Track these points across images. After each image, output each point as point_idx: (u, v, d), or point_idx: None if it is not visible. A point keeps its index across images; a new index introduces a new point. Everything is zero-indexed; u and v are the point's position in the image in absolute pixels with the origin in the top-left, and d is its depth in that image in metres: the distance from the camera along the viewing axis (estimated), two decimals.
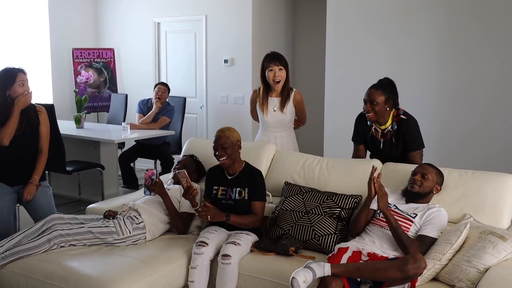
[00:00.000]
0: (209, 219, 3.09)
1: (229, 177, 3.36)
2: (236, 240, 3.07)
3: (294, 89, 4.24)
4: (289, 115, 4.21)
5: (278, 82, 4.12)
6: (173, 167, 3.78)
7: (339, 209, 3.23)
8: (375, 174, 2.92)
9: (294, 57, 7.45)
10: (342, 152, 4.41)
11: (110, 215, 3.35)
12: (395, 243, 2.81)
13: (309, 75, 7.20)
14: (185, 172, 3.22)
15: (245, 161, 3.42)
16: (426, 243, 2.81)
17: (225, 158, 3.26)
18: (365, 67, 5.62)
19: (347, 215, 3.23)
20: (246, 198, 3.28)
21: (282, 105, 4.16)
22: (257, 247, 3.13)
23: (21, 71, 3.47)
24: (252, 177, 3.33)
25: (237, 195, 3.29)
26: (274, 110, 4.18)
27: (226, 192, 3.32)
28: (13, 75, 3.42)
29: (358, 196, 3.28)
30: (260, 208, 3.31)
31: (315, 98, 6.40)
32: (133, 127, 5.95)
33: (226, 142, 3.26)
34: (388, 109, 3.42)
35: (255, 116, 4.41)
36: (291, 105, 4.19)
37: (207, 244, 3.03)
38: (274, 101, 4.19)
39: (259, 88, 4.26)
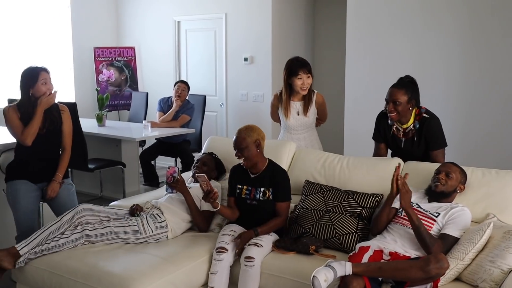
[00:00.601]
0: (245, 246, 3.06)
1: (252, 176, 3.34)
2: (259, 241, 3.06)
3: (316, 91, 4.21)
4: (312, 117, 4.20)
5: (306, 89, 4.09)
6: (193, 165, 3.80)
7: (360, 208, 3.22)
8: (401, 173, 2.89)
9: (314, 55, 7.43)
10: (362, 151, 4.39)
11: (137, 209, 3.38)
12: (417, 242, 2.79)
13: (329, 73, 7.17)
14: (205, 176, 3.16)
15: (268, 159, 3.38)
16: (448, 242, 2.78)
17: (242, 159, 3.26)
18: (387, 65, 5.58)
19: (368, 214, 3.21)
20: (270, 198, 3.26)
21: (305, 109, 4.14)
22: (277, 246, 3.13)
23: (43, 70, 3.51)
24: (276, 176, 3.30)
25: (261, 195, 3.26)
26: (298, 114, 4.16)
27: (250, 192, 3.30)
28: (35, 74, 3.46)
29: (379, 195, 3.26)
30: (286, 209, 3.29)
31: (335, 96, 6.37)
32: (153, 125, 5.99)
33: (242, 143, 3.22)
34: (410, 108, 3.38)
35: (276, 118, 4.40)
36: (314, 107, 4.18)
37: (227, 250, 3.02)
38: (296, 105, 4.17)
39: (280, 93, 4.21)
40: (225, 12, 7.02)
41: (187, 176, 3.88)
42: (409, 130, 3.47)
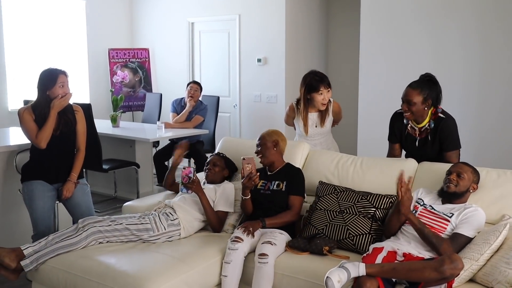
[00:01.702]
0: (250, 230, 3.14)
1: (269, 173, 3.48)
2: (272, 240, 3.08)
3: (332, 100, 4.18)
4: (328, 126, 4.22)
5: (326, 103, 4.09)
6: (204, 168, 3.80)
7: (374, 209, 3.21)
8: (405, 178, 2.87)
9: (328, 56, 7.42)
10: (376, 153, 4.36)
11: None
12: None
13: (343, 74, 7.16)
14: (253, 159, 3.29)
15: (287, 162, 3.53)
16: (459, 242, 2.76)
17: (260, 156, 3.44)
18: (401, 65, 5.55)
19: (382, 215, 3.20)
20: (283, 190, 3.35)
21: (323, 120, 4.15)
22: (291, 246, 3.13)
23: (62, 73, 3.53)
24: (291, 173, 3.43)
25: (275, 186, 3.38)
26: (316, 126, 4.16)
27: (265, 184, 3.43)
28: (54, 76, 3.48)
29: (393, 196, 3.25)
30: (297, 202, 3.35)
31: (349, 97, 6.36)
32: (167, 126, 6.02)
33: (262, 140, 3.47)
34: (426, 108, 3.35)
35: (290, 123, 4.39)
36: (331, 117, 4.19)
37: (242, 240, 3.06)
38: (313, 116, 4.16)
39: (297, 104, 4.19)
40: (238, 14, 7.04)
41: (201, 177, 3.89)
42: (424, 129, 3.44)
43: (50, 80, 3.48)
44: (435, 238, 2.74)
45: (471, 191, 2.99)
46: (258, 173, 3.27)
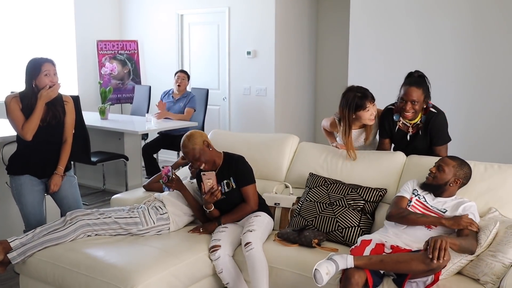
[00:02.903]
0: (206, 231, 3.26)
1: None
2: (250, 227, 3.12)
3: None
4: (372, 139, 3.72)
5: (374, 118, 3.56)
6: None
7: (363, 202, 3.22)
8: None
9: (317, 49, 7.41)
10: None
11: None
12: (419, 236, 2.78)
13: (332, 66, 7.17)
14: (214, 173, 3.22)
15: (223, 152, 3.45)
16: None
17: (203, 165, 3.31)
18: (389, 62, 5.56)
19: (371, 208, 3.22)
20: (234, 187, 3.33)
21: (367, 137, 3.68)
22: (280, 238, 3.15)
23: (47, 61, 3.43)
24: (233, 164, 3.37)
25: (225, 187, 3.33)
26: (360, 143, 3.71)
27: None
28: (38, 65, 3.39)
29: (383, 189, 3.27)
30: (251, 192, 3.33)
31: (338, 89, 6.34)
32: (162, 115, 6.06)
33: (195, 153, 3.28)
34: (424, 106, 3.36)
35: (325, 134, 3.98)
36: (375, 130, 3.69)
37: (220, 246, 3.06)
38: (356, 133, 3.66)
39: (339, 120, 3.59)
40: (228, 6, 7.01)
41: (187, 171, 3.86)
42: (416, 125, 3.45)
43: (35, 68, 3.38)
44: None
45: (451, 185, 2.96)
46: (220, 187, 3.24)
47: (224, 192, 3.31)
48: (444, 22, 5.26)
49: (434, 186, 2.97)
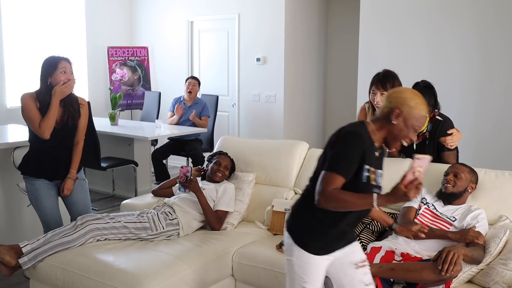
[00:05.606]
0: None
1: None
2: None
3: None
4: None
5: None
6: (209, 166, 3.77)
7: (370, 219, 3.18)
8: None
9: (327, 55, 7.41)
10: None
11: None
12: (430, 244, 2.77)
13: (341, 74, 7.16)
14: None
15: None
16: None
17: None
18: (399, 67, 5.52)
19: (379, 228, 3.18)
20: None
21: None
22: (282, 247, 3.12)
23: (64, 59, 3.41)
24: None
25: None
26: None
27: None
28: (55, 62, 3.36)
29: None
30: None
31: (347, 95, 6.36)
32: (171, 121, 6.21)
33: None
34: (430, 115, 3.34)
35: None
36: None
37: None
38: None
39: (367, 107, 3.74)
40: (238, 13, 7.03)
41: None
42: (422, 134, 3.44)
43: (52, 65, 3.35)
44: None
45: (469, 190, 2.99)
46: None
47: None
48: (451, 26, 5.24)
49: (456, 194, 2.95)
